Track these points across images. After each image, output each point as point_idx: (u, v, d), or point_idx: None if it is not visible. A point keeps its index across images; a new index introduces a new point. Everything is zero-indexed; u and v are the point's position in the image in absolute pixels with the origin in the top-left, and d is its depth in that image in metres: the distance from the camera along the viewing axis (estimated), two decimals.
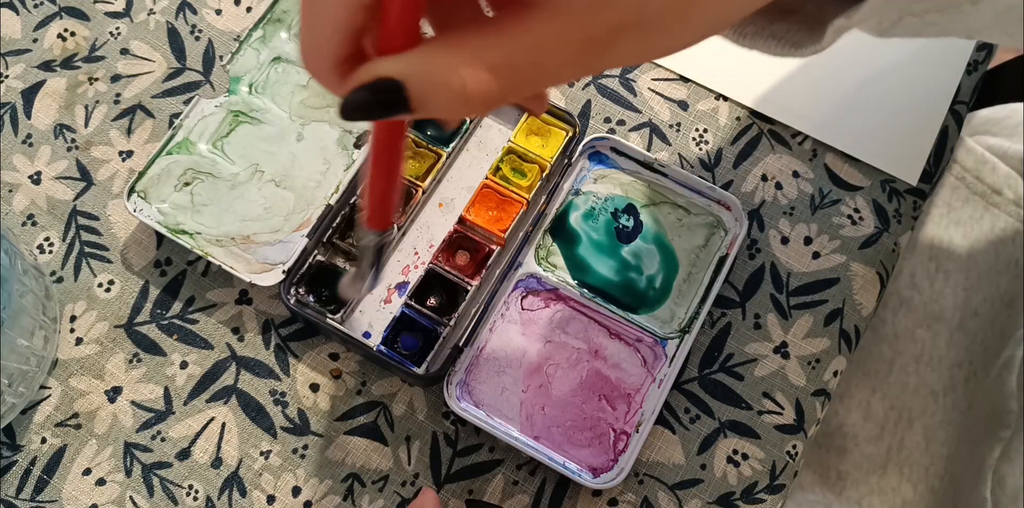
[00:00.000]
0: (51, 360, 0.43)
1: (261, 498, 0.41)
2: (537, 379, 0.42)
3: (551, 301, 0.44)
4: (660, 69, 0.49)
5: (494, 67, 0.20)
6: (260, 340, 0.43)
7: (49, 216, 0.45)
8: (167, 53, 0.48)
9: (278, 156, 0.45)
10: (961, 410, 0.50)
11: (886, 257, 0.46)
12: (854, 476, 0.51)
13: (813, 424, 0.43)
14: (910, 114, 0.48)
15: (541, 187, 0.45)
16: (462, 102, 0.20)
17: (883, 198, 0.47)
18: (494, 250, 0.43)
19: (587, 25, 0.20)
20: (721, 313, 0.45)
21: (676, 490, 0.42)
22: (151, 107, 0.47)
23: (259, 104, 0.46)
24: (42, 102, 0.47)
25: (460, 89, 0.20)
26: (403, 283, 0.44)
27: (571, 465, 0.41)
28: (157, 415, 0.42)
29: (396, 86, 0.20)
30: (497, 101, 0.21)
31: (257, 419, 0.42)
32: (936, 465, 0.50)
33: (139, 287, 0.44)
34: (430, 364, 0.42)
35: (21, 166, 0.46)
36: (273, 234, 0.44)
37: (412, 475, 0.42)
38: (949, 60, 0.49)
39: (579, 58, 0.21)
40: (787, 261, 0.46)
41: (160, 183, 0.44)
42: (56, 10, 0.49)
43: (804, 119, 0.48)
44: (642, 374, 0.43)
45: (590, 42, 0.20)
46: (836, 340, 0.45)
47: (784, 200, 0.47)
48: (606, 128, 0.48)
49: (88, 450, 0.42)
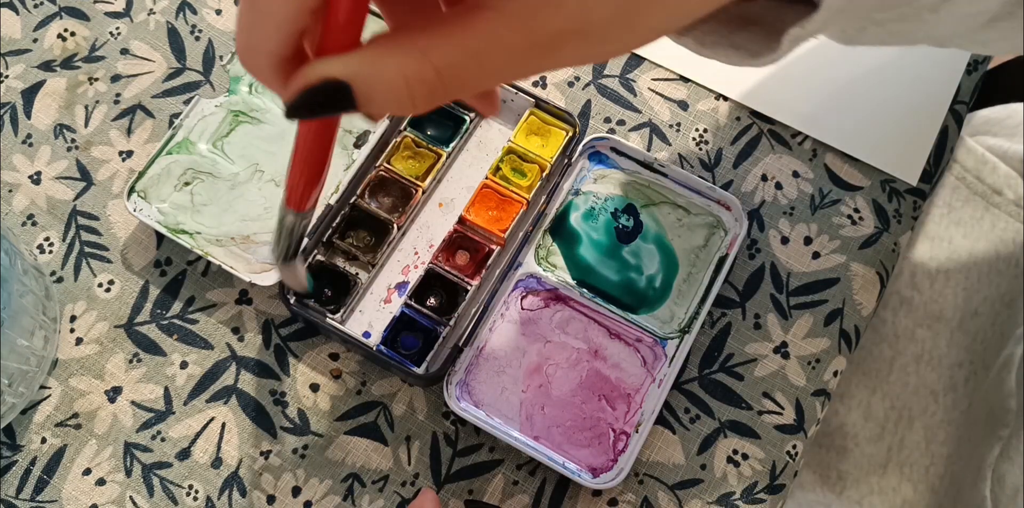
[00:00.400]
0: (51, 360, 0.43)
1: (261, 498, 0.41)
2: (537, 379, 0.42)
3: (551, 301, 0.44)
4: (660, 69, 0.49)
5: (438, 67, 0.20)
6: (260, 340, 0.44)
7: (49, 216, 0.45)
8: (167, 53, 0.48)
9: (278, 156, 0.45)
10: (961, 410, 0.50)
11: (886, 257, 0.46)
12: (854, 476, 0.51)
13: (813, 424, 0.43)
14: (910, 114, 0.48)
15: (541, 187, 0.45)
16: (407, 100, 0.21)
17: (883, 198, 0.47)
18: (494, 250, 0.43)
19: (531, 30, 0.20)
20: (721, 313, 0.45)
21: (676, 490, 0.42)
22: (151, 107, 0.47)
23: (259, 104, 0.46)
24: (42, 102, 0.47)
25: (406, 88, 0.20)
26: (403, 283, 0.44)
27: (571, 465, 0.41)
28: (157, 415, 0.42)
29: (342, 87, 0.20)
30: (440, 100, 0.21)
31: (257, 419, 0.42)
32: (936, 465, 0.50)
33: (139, 287, 0.44)
34: (430, 364, 0.42)
35: (21, 166, 0.46)
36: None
37: (412, 475, 0.42)
38: (949, 60, 0.49)
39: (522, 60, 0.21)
40: (787, 261, 0.46)
41: (160, 183, 0.44)
42: (56, 10, 0.49)
43: (804, 119, 0.48)
44: (642, 374, 0.43)
45: (533, 46, 0.20)
46: (836, 340, 0.45)
47: (784, 200, 0.47)
48: (606, 128, 0.48)
49: (88, 450, 0.42)
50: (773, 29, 0.27)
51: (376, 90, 0.21)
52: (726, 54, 0.28)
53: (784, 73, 0.49)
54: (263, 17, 0.21)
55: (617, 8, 0.20)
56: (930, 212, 0.53)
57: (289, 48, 0.22)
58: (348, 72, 0.20)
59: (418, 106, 0.21)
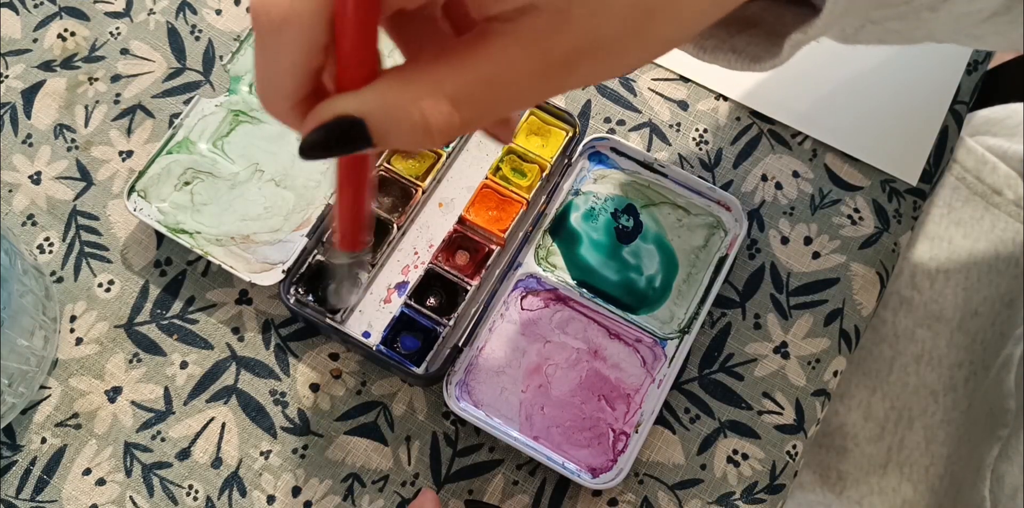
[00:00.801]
0: (51, 360, 0.43)
1: (261, 498, 0.41)
2: (536, 379, 0.42)
3: (551, 301, 0.44)
4: (660, 69, 0.49)
5: (454, 98, 0.20)
6: (260, 340, 0.44)
7: (49, 216, 0.45)
8: (167, 53, 0.48)
9: (278, 156, 0.45)
10: (961, 410, 0.50)
11: (886, 257, 0.46)
12: (854, 476, 0.51)
13: (813, 424, 0.43)
14: (910, 114, 0.48)
15: (541, 187, 0.45)
16: (424, 135, 0.20)
17: (883, 198, 0.47)
18: (494, 250, 0.43)
19: (544, 51, 0.20)
20: (721, 313, 0.45)
21: (676, 490, 0.42)
22: (151, 107, 0.47)
23: (259, 104, 0.46)
24: (42, 102, 0.47)
25: (422, 122, 0.20)
26: (403, 283, 0.44)
27: (570, 465, 0.41)
28: (157, 415, 0.42)
29: (357, 123, 0.20)
30: (459, 132, 0.21)
31: (257, 419, 0.42)
32: (936, 465, 0.50)
33: (139, 287, 0.44)
34: (430, 364, 0.42)
35: (21, 166, 0.46)
36: (273, 234, 0.44)
37: (412, 475, 0.42)
38: (949, 60, 0.49)
39: (539, 84, 0.21)
40: (787, 261, 0.46)
41: (160, 182, 0.44)
42: (56, 10, 0.49)
43: (804, 119, 0.48)
44: (641, 374, 0.43)
45: (548, 68, 0.20)
46: (836, 340, 0.45)
47: (784, 200, 0.47)
48: (606, 128, 0.48)
49: (88, 450, 0.42)
50: (773, 31, 0.27)
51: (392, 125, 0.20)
52: (727, 59, 0.28)
53: (784, 73, 0.49)
54: (276, 60, 0.21)
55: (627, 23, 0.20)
56: (930, 212, 0.53)
57: (306, 87, 0.21)
58: (361, 108, 0.20)
59: (436, 140, 0.20)
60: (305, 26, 0.20)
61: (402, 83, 0.20)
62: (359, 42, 0.20)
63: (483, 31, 0.20)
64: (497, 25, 0.20)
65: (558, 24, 0.20)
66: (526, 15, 0.20)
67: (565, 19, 0.20)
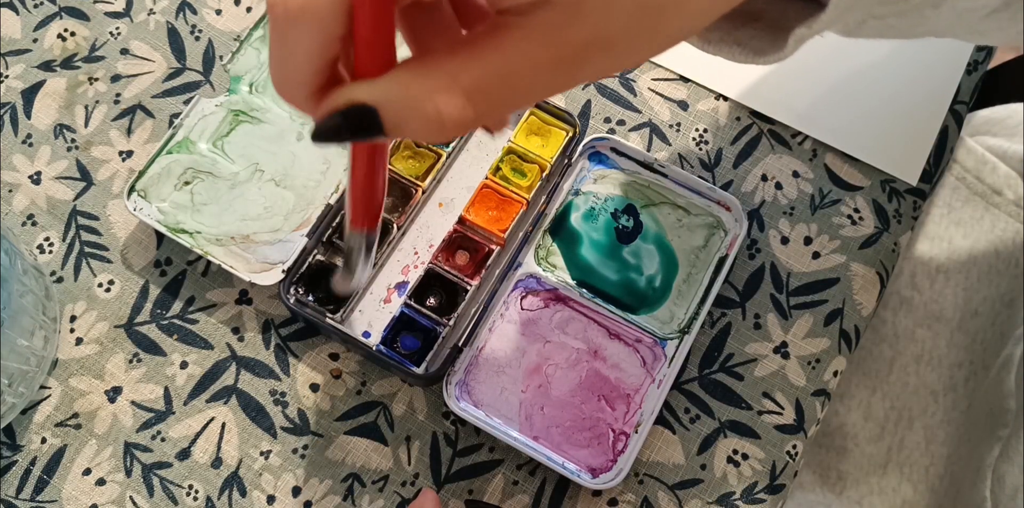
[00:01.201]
0: (51, 360, 0.43)
1: (261, 498, 0.41)
2: (536, 379, 0.42)
3: (550, 301, 0.44)
4: (660, 69, 0.49)
5: (468, 91, 0.20)
6: (260, 340, 0.44)
7: (49, 216, 0.45)
8: (167, 53, 0.48)
9: (278, 155, 0.45)
10: (961, 410, 0.50)
11: (886, 257, 0.46)
12: (854, 476, 0.51)
13: (813, 424, 0.43)
14: (910, 114, 0.48)
15: (541, 187, 0.45)
16: (438, 128, 0.20)
17: (883, 198, 0.47)
18: (494, 250, 0.43)
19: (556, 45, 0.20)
20: (721, 313, 0.45)
21: (676, 490, 0.42)
22: (151, 107, 0.47)
23: (259, 103, 0.46)
24: (42, 102, 0.47)
25: (435, 115, 0.20)
26: (403, 283, 0.44)
27: (570, 465, 0.41)
28: (157, 415, 0.42)
29: (369, 111, 0.20)
30: (472, 125, 0.21)
31: (257, 419, 0.42)
32: (936, 465, 0.50)
33: (139, 287, 0.44)
34: (430, 364, 0.42)
35: (21, 166, 0.46)
36: (273, 233, 0.44)
37: (412, 475, 0.42)
38: (949, 60, 0.49)
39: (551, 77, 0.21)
40: (787, 261, 0.46)
41: (160, 182, 0.44)
42: (56, 10, 0.49)
43: (804, 119, 0.48)
44: (641, 374, 0.43)
45: (559, 61, 0.20)
46: (836, 340, 0.45)
47: (784, 200, 0.47)
48: (606, 128, 0.48)
49: (88, 450, 0.42)
50: (777, 26, 0.27)
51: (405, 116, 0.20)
52: (731, 51, 0.28)
53: (784, 73, 0.49)
54: (292, 50, 0.21)
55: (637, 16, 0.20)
56: (930, 212, 0.53)
57: (322, 76, 0.22)
58: (376, 97, 0.20)
59: (448, 132, 0.20)
60: (323, 16, 0.20)
61: (418, 75, 0.20)
62: (377, 31, 0.20)
63: (496, 24, 0.20)
64: (511, 18, 0.20)
65: (571, 17, 0.20)
66: (540, 9, 0.20)
67: (578, 12, 0.20)
